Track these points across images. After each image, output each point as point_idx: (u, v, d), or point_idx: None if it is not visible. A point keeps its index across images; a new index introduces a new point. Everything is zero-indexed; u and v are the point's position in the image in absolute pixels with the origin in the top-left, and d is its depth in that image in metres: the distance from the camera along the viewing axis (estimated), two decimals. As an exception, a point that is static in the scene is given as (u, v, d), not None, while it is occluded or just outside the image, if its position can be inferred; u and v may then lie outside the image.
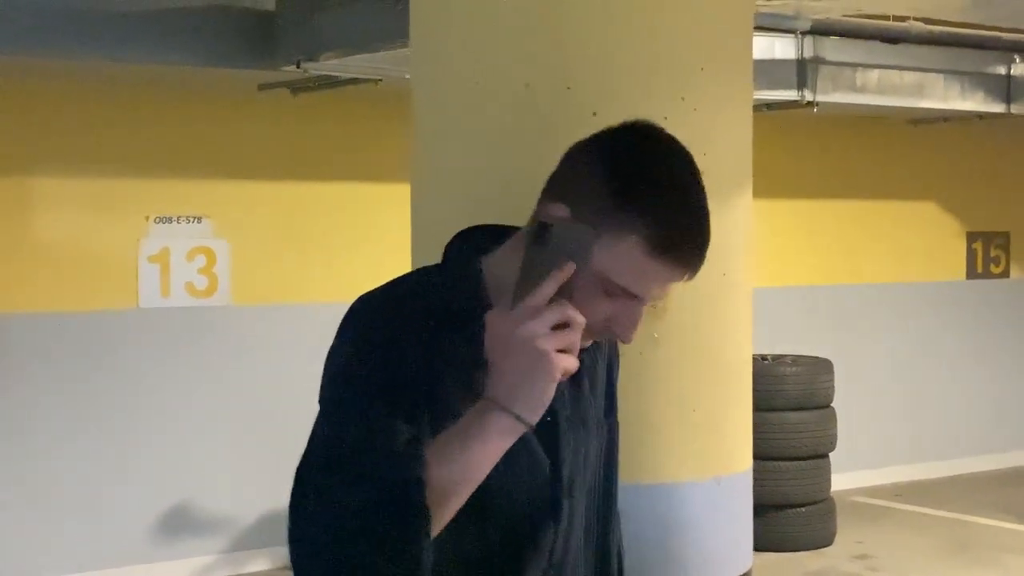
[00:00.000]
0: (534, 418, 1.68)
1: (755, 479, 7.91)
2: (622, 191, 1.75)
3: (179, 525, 7.28)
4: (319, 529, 1.69)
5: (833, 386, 8.18)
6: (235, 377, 7.45)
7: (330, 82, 6.77)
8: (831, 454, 8.16)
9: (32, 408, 6.99)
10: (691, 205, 1.81)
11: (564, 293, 1.66)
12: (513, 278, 1.70)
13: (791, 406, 7.95)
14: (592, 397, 1.99)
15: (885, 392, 9.81)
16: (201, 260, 7.46)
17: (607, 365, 2.06)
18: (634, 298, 1.78)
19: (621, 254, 1.74)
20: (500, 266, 1.84)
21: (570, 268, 1.65)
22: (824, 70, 7.67)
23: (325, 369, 1.86)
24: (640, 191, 1.76)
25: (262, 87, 7.11)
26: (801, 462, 7.95)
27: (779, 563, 7.60)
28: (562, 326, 1.65)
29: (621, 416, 2.52)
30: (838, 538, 8.06)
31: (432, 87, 2.64)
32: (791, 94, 7.63)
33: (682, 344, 2.53)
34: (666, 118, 2.53)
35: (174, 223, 7.41)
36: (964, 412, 10.21)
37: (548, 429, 1.86)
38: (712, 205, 2.61)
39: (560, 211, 1.76)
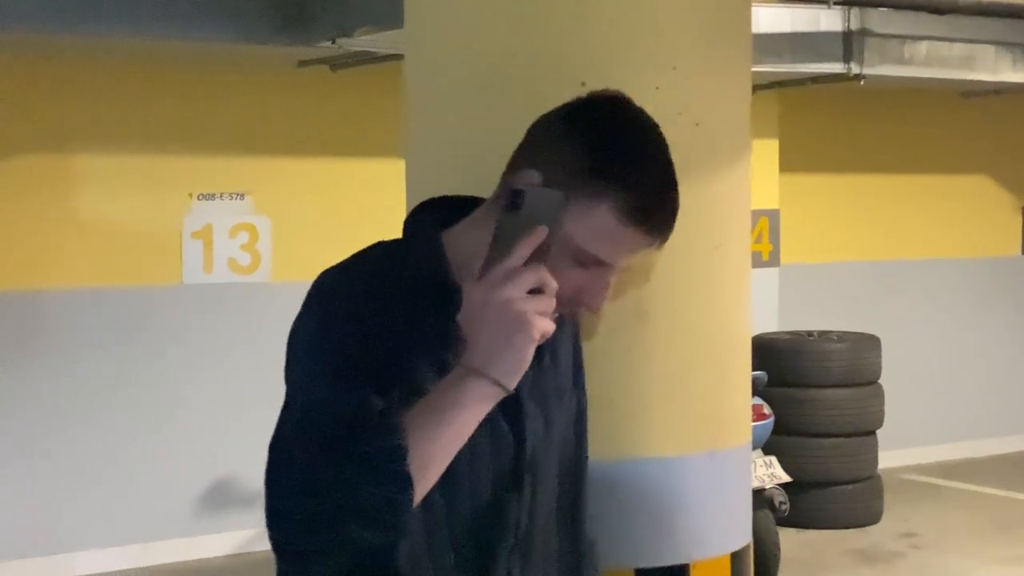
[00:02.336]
0: (513, 382, 1.69)
1: (800, 456, 7.91)
2: (595, 158, 1.77)
3: (220, 499, 7.35)
4: (301, 502, 1.68)
5: (880, 362, 8.08)
6: (276, 353, 7.47)
7: (368, 58, 6.77)
8: (878, 431, 8.07)
9: (76, 382, 7.08)
10: (662, 174, 1.82)
11: (538, 259, 1.66)
12: (477, 250, 1.72)
13: (837, 383, 7.88)
14: (554, 371, 1.98)
15: (935, 369, 9.68)
16: (243, 236, 7.51)
17: (572, 336, 2.06)
18: (604, 266, 1.80)
19: (593, 221, 1.76)
20: (463, 239, 1.85)
21: (543, 232, 1.65)
22: (871, 42, 7.56)
23: (291, 344, 1.87)
24: (613, 159, 1.77)
25: (302, 63, 7.13)
26: (847, 439, 7.88)
27: (824, 541, 7.55)
28: (537, 291, 1.66)
29: (611, 389, 2.51)
30: (884, 516, 7.97)
31: (422, 59, 2.62)
32: (837, 67, 7.53)
33: (673, 318, 2.50)
34: (658, 88, 2.51)
35: (217, 200, 7.47)
36: (1015, 389, 10.05)
37: (511, 403, 1.85)
38: (705, 176, 2.59)
39: (532, 178, 1.76)
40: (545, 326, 1.67)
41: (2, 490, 6.92)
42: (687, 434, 2.54)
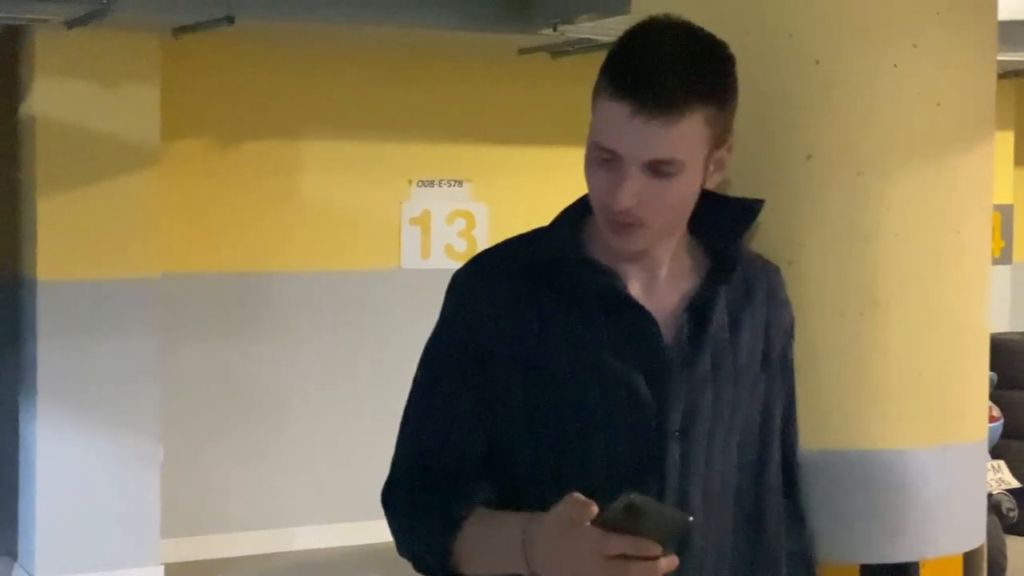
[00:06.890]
0: None
1: (1014, 460, 7.55)
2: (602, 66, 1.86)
3: (434, 481, 7.44)
4: (394, 514, 1.94)
5: (1105, 365, 7.70)
6: (491, 339, 7.56)
7: (588, 45, 6.76)
8: (1101, 437, 7.69)
9: (299, 363, 7.29)
10: (636, 43, 1.84)
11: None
12: None
13: (1055, 385, 7.54)
14: (731, 345, 1.92)
15: None
16: (460, 223, 7.61)
17: (766, 320, 2.00)
18: (616, 158, 1.83)
19: (596, 114, 1.85)
20: None
21: (654, 551, 1.58)
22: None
23: None
24: (608, 55, 1.86)
25: (522, 51, 7.17)
26: (1065, 444, 7.54)
27: (1041, 550, 7.23)
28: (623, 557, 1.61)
29: (839, 377, 2.42)
30: (1121, 528, 7.57)
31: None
32: (1048, 59, 7.19)
33: (907, 304, 2.40)
34: (896, 66, 2.42)
35: (435, 187, 7.58)
36: None
37: (657, 369, 1.82)
38: (945, 158, 2.48)
39: None
40: None
41: (229, 465, 7.17)
42: (919, 427, 2.44)
